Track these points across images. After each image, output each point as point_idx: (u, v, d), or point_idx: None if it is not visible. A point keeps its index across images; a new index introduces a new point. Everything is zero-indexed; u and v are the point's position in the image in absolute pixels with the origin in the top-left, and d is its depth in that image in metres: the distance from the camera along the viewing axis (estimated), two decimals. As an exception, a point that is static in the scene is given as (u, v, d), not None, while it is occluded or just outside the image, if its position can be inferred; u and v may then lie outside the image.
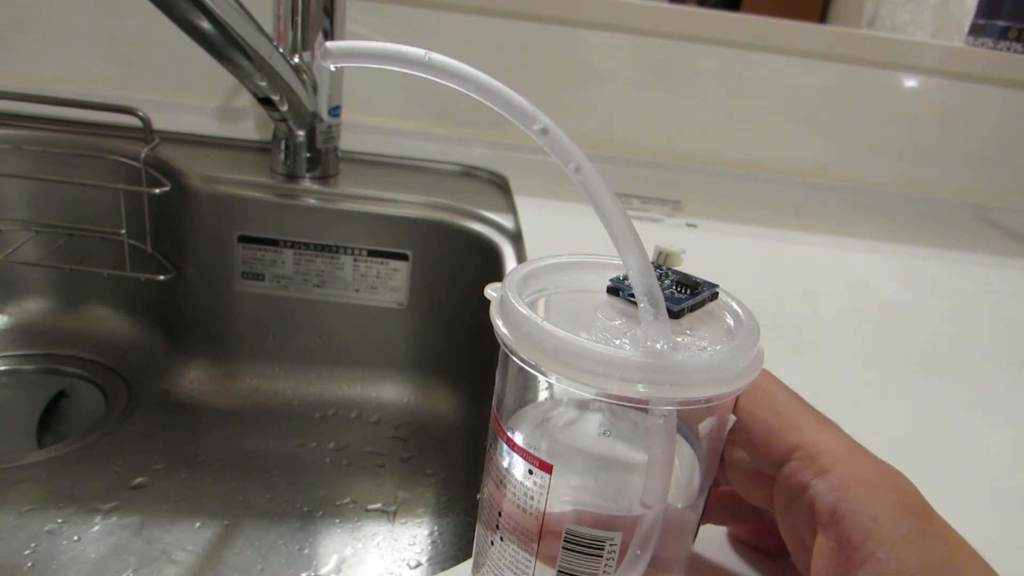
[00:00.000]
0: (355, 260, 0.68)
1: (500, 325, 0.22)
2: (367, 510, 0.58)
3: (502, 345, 0.22)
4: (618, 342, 0.21)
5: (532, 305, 0.22)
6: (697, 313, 0.23)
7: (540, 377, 0.21)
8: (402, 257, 0.68)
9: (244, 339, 0.70)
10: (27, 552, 0.50)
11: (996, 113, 0.86)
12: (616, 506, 0.22)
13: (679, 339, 0.22)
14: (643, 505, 0.21)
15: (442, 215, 0.67)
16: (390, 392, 0.71)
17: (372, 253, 0.68)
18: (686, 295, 0.23)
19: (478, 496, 0.25)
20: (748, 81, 0.83)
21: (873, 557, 0.20)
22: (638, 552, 0.21)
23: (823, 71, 0.83)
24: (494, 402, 0.24)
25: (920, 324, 0.55)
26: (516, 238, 0.63)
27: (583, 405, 0.24)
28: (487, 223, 0.66)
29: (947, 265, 0.68)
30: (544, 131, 0.20)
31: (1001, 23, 0.85)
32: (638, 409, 0.21)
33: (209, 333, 0.71)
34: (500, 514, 0.23)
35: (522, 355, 0.21)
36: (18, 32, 0.77)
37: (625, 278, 0.24)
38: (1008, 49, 0.85)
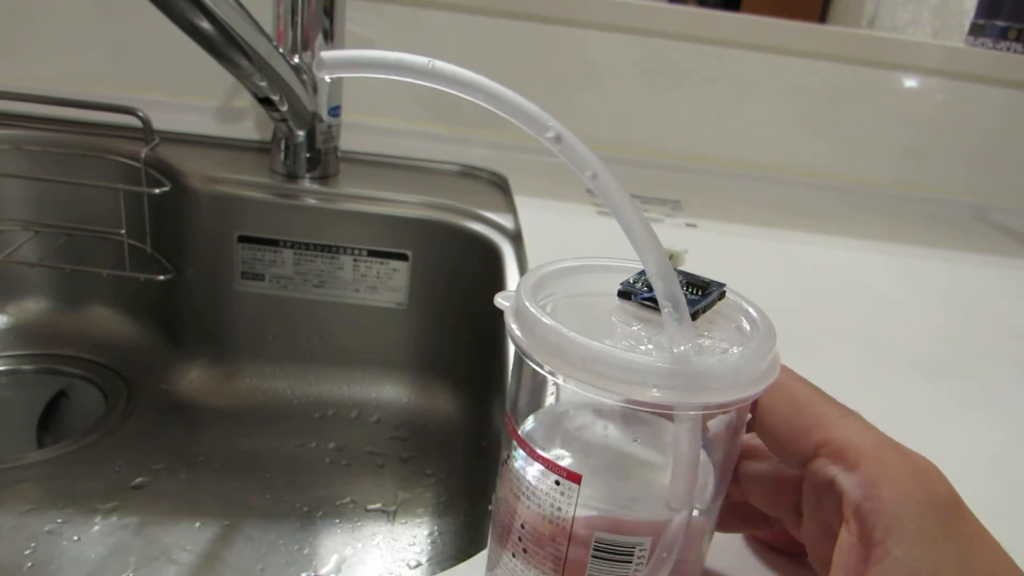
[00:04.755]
0: (355, 260, 0.68)
1: (520, 335, 0.21)
2: (367, 510, 0.58)
3: (524, 356, 0.21)
4: (643, 348, 0.21)
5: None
6: (707, 313, 0.23)
7: (566, 386, 0.21)
8: (402, 257, 0.68)
9: (244, 339, 0.70)
10: (27, 552, 0.50)
11: (996, 113, 0.86)
12: (642, 510, 0.22)
13: (701, 342, 0.22)
14: (669, 508, 0.21)
15: (442, 215, 0.67)
16: (390, 392, 0.71)
17: (372, 253, 0.68)
18: (698, 296, 0.23)
19: (490, 507, 0.25)
20: (748, 81, 0.83)
21: (891, 555, 0.20)
22: (664, 555, 0.21)
23: (823, 71, 0.83)
24: (507, 409, 0.23)
25: (920, 324, 0.55)
26: (516, 238, 0.62)
27: (601, 410, 0.24)
28: (487, 223, 0.66)
29: (947, 265, 0.68)
30: (558, 138, 0.19)
31: (1001, 23, 0.85)
32: (661, 415, 0.21)
33: (209, 333, 0.70)
34: (523, 525, 0.23)
35: (548, 367, 0.20)
36: (18, 32, 0.76)
37: (635, 281, 0.24)
38: (1008, 49, 0.85)
